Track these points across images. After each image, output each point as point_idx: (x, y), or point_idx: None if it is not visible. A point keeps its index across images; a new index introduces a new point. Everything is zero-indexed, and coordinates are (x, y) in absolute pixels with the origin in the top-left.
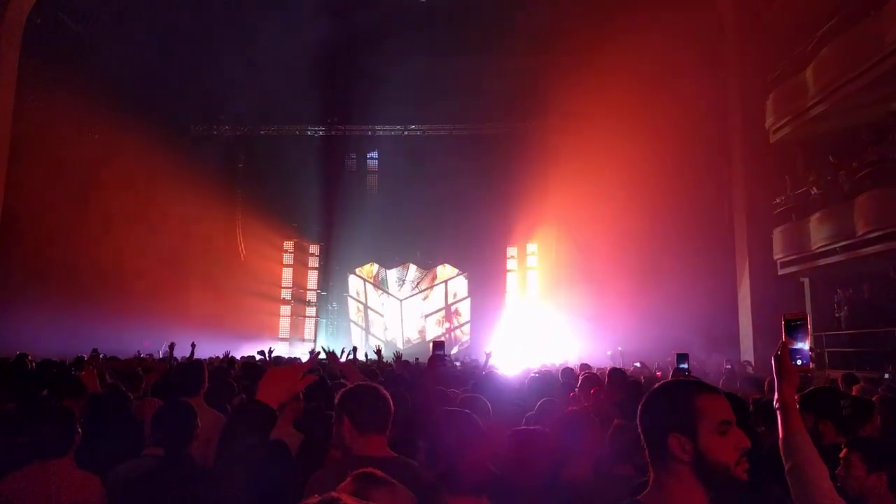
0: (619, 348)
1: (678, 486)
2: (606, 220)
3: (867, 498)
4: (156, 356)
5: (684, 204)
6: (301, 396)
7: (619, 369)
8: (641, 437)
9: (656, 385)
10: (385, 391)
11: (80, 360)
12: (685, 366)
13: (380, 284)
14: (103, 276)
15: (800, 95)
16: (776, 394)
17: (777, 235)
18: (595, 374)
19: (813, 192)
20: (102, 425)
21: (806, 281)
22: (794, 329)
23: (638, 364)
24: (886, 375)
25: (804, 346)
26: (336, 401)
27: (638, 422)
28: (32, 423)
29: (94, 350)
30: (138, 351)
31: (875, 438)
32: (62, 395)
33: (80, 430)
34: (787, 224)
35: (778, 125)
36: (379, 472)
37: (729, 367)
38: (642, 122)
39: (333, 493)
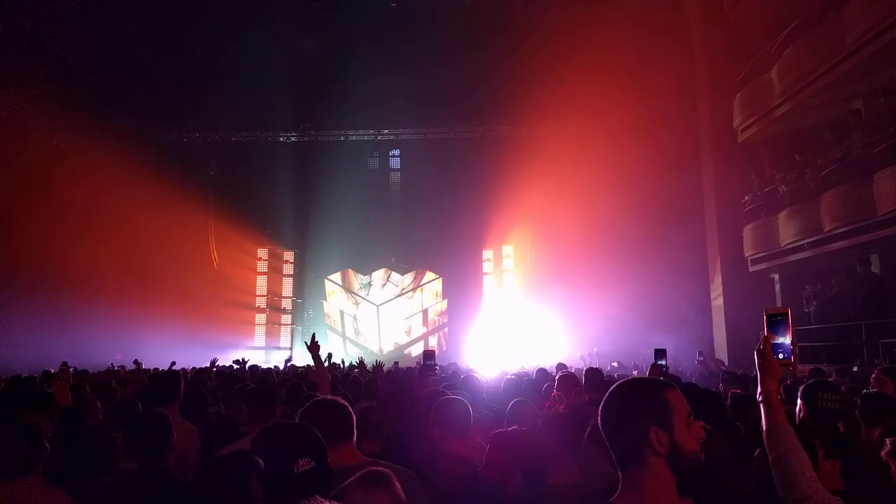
0: (595, 349)
1: (653, 479)
2: (580, 221)
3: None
4: (129, 368)
5: (656, 204)
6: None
7: (597, 369)
8: (609, 434)
9: (619, 383)
10: (342, 401)
11: (47, 374)
12: (663, 362)
13: (355, 290)
14: (72, 286)
15: (766, 95)
16: (759, 387)
17: (747, 233)
18: (572, 373)
19: (781, 190)
20: (76, 440)
21: (776, 277)
22: (776, 323)
23: (615, 364)
24: (855, 369)
25: (786, 340)
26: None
27: (607, 419)
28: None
29: (64, 363)
30: (111, 363)
31: (833, 428)
32: (32, 411)
33: (47, 446)
34: (756, 221)
35: (745, 125)
36: (380, 471)
37: (701, 359)
38: (613, 123)
39: (318, 497)
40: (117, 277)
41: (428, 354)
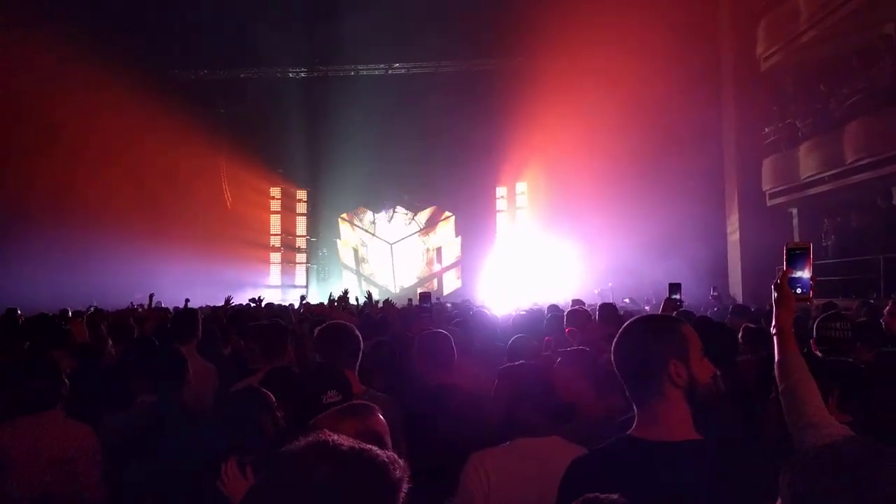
0: (609, 284)
1: (673, 411)
2: (595, 155)
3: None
4: (144, 306)
5: (673, 135)
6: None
7: (610, 304)
8: (626, 368)
9: (635, 318)
10: (351, 328)
11: (64, 312)
12: (677, 296)
13: (367, 228)
14: (89, 226)
15: (792, 21)
16: (773, 320)
17: (766, 166)
18: (585, 308)
19: (803, 122)
20: (94, 375)
21: (794, 211)
22: (796, 258)
23: (627, 300)
24: (871, 301)
25: (804, 274)
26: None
27: (624, 353)
28: (19, 376)
29: (90, 307)
30: (131, 302)
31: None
32: (50, 347)
33: (66, 381)
34: (776, 154)
35: (769, 53)
36: (359, 403)
37: (715, 294)
38: (631, 51)
39: (327, 431)
40: (132, 217)
41: (423, 297)
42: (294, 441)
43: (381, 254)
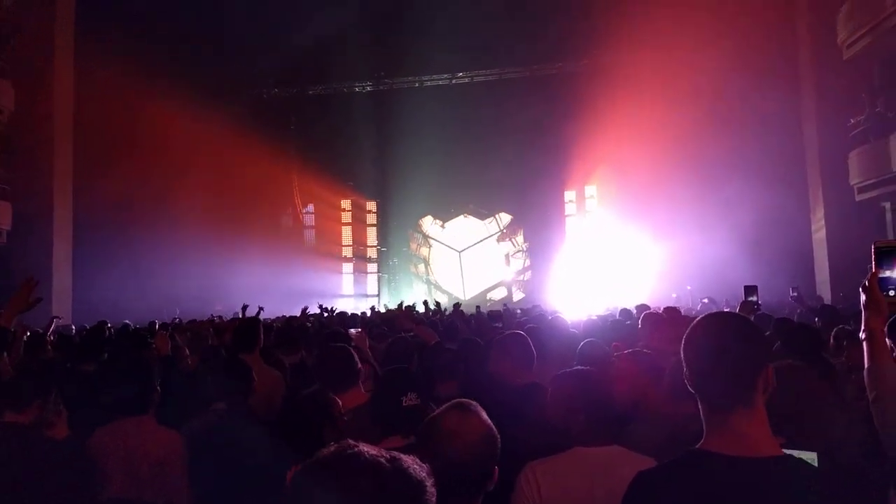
0: (688, 287)
1: (757, 423)
2: (668, 153)
3: None
4: (226, 318)
5: (750, 129)
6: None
7: (674, 307)
8: (706, 371)
9: (718, 314)
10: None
11: (153, 325)
12: (754, 298)
13: (436, 237)
14: (175, 242)
15: (877, 5)
16: (863, 324)
17: (853, 158)
18: (655, 312)
19: (893, 111)
20: (173, 384)
21: (887, 206)
22: (885, 257)
23: (706, 300)
24: None
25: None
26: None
27: (708, 354)
28: (115, 382)
29: (175, 318)
30: (211, 314)
31: None
32: (135, 356)
33: (158, 388)
34: (864, 146)
35: (852, 39)
36: (468, 401)
37: (795, 294)
38: (702, 43)
39: (350, 440)
40: (213, 232)
41: (494, 315)
42: (323, 451)
43: (449, 262)
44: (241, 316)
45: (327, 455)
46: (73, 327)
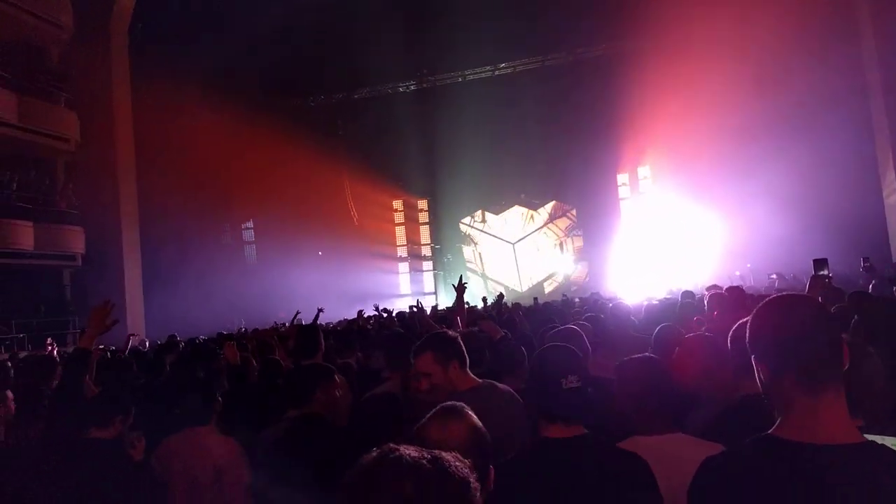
0: (748, 265)
1: (838, 408)
2: (724, 128)
3: None
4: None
5: (813, 97)
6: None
7: (736, 286)
8: (798, 353)
9: (788, 294)
10: (451, 333)
11: (220, 336)
12: (825, 272)
13: (488, 230)
14: (235, 252)
15: None
16: None
17: None
18: (721, 293)
19: None
20: (243, 394)
21: None
22: None
23: (774, 276)
24: None
25: None
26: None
27: (789, 333)
28: (178, 394)
29: (240, 328)
30: (274, 322)
31: None
32: (206, 369)
33: (220, 399)
34: None
35: None
36: (453, 404)
37: (867, 264)
38: (757, 13)
39: (391, 444)
40: (271, 241)
41: (546, 310)
42: (365, 458)
43: (503, 254)
44: (293, 322)
45: (369, 462)
46: (147, 342)
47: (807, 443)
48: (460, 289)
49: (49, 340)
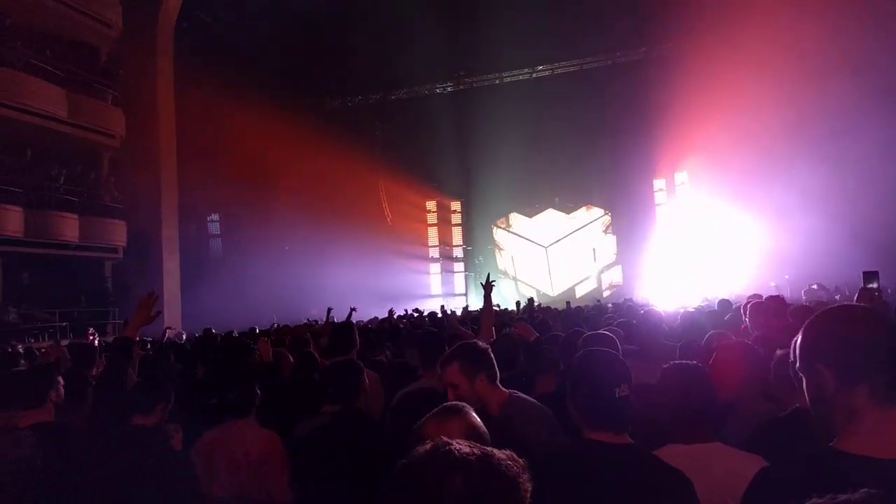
0: (786, 276)
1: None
2: (764, 134)
3: None
4: (320, 321)
5: (857, 99)
6: None
7: (778, 296)
8: (859, 364)
9: (845, 304)
10: (481, 344)
11: (253, 331)
12: (874, 285)
13: (522, 233)
14: (271, 250)
15: None
16: None
17: None
18: (763, 302)
19: None
20: (279, 388)
21: None
22: None
23: (815, 286)
24: None
25: None
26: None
27: (864, 349)
28: (220, 386)
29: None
30: (307, 318)
31: None
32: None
33: (258, 392)
34: None
35: None
36: (454, 403)
37: None
38: (798, 14)
39: (445, 438)
40: (306, 239)
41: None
42: (414, 450)
43: (536, 258)
44: (327, 320)
45: (420, 454)
46: (184, 334)
47: (874, 457)
48: (487, 288)
49: (91, 330)
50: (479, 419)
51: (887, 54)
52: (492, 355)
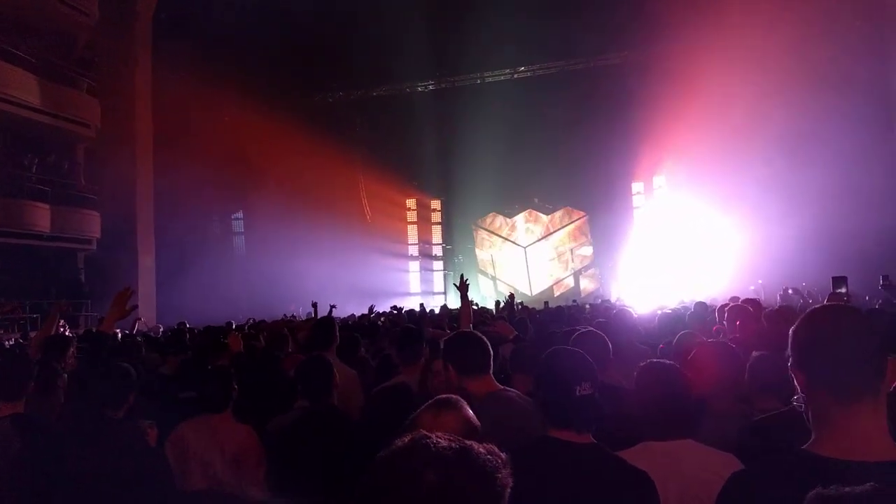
0: (760, 281)
1: (879, 423)
2: (742, 140)
3: None
4: (298, 317)
5: (833, 107)
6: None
7: (754, 299)
8: (833, 364)
9: (833, 306)
10: (480, 335)
11: (229, 325)
12: (843, 290)
13: (500, 233)
14: (249, 246)
15: None
16: None
17: None
18: (741, 305)
19: None
20: (252, 382)
21: None
22: None
23: (790, 290)
24: None
25: None
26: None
27: (840, 348)
28: (196, 382)
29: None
30: (284, 314)
31: None
32: (209, 356)
33: (236, 387)
34: None
35: None
36: (449, 396)
37: (886, 282)
38: (774, 21)
39: (424, 432)
40: (284, 234)
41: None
42: (393, 443)
43: (515, 258)
44: (314, 314)
45: (398, 447)
46: (161, 328)
47: (840, 459)
48: (462, 287)
49: (62, 322)
50: (472, 412)
51: (859, 61)
52: (488, 347)
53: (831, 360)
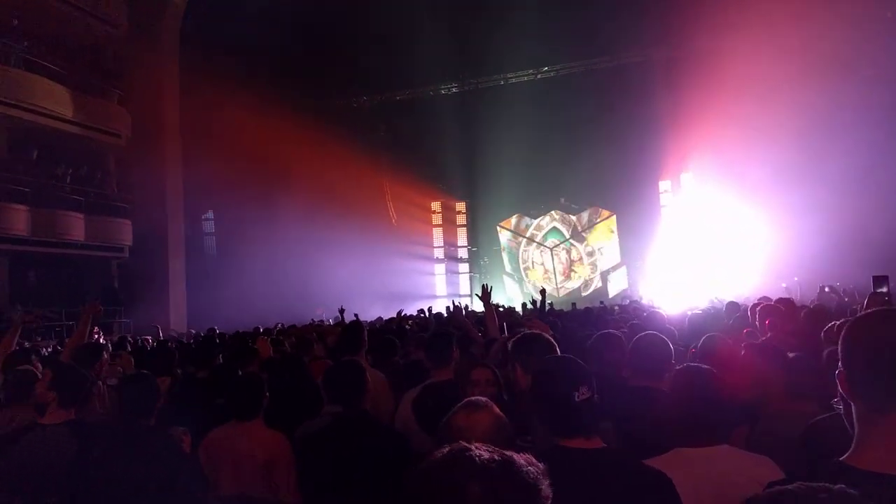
0: (795, 278)
1: None
2: (773, 135)
3: None
4: (326, 321)
5: (868, 99)
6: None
7: (787, 298)
8: (870, 369)
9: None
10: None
11: (256, 330)
12: (884, 290)
13: (527, 235)
14: (276, 251)
15: None
16: None
17: None
18: (772, 304)
19: None
20: (280, 387)
21: None
22: None
23: (826, 288)
24: None
25: None
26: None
27: (877, 349)
28: (228, 388)
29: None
30: (312, 319)
31: None
32: (239, 362)
33: (267, 394)
34: None
35: None
36: (479, 398)
37: None
38: (802, 14)
39: (464, 443)
40: (311, 240)
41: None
42: (433, 453)
43: (541, 259)
44: (341, 319)
45: (439, 458)
46: (193, 332)
47: (881, 473)
48: (485, 297)
49: (96, 329)
50: (500, 412)
51: (887, 50)
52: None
53: (874, 368)
